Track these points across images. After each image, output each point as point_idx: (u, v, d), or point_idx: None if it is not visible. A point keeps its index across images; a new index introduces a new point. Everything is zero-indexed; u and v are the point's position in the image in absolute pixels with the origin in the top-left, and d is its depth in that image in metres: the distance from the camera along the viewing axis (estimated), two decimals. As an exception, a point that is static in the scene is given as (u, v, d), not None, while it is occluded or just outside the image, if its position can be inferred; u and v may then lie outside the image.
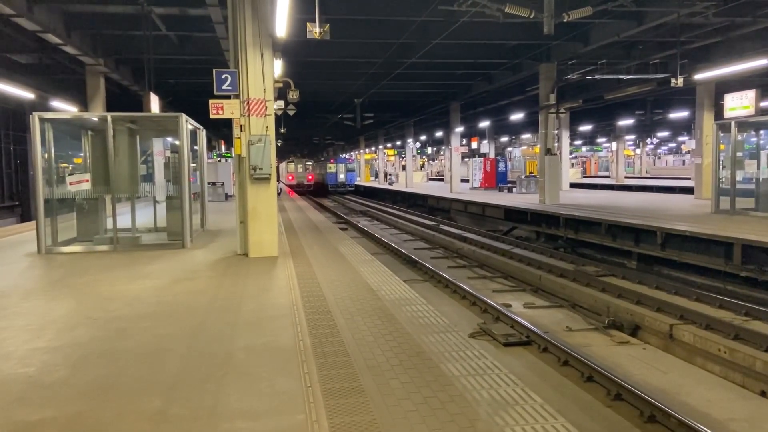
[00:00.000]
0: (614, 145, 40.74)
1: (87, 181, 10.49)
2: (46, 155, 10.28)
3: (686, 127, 38.98)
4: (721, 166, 14.87)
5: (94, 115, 13.78)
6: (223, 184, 25.00)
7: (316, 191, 48.30)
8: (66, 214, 10.90)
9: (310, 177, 50.04)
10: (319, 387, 3.86)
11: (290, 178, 49.18)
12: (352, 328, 5.23)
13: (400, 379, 4.01)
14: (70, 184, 10.45)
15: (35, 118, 9.95)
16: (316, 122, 38.77)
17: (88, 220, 11.05)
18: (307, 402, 3.63)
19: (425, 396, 3.72)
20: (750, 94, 13.94)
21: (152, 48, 13.72)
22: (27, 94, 16.35)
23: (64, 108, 16.99)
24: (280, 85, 11.61)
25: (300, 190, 46.51)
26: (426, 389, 3.83)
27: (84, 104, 17.51)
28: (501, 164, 30.72)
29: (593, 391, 6.12)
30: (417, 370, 4.18)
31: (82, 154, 11.86)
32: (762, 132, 14.34)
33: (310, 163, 51.47)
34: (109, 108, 17.21)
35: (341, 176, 49.04)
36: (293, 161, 50.97)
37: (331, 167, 49.31)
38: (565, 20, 10.39)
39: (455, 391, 3.79)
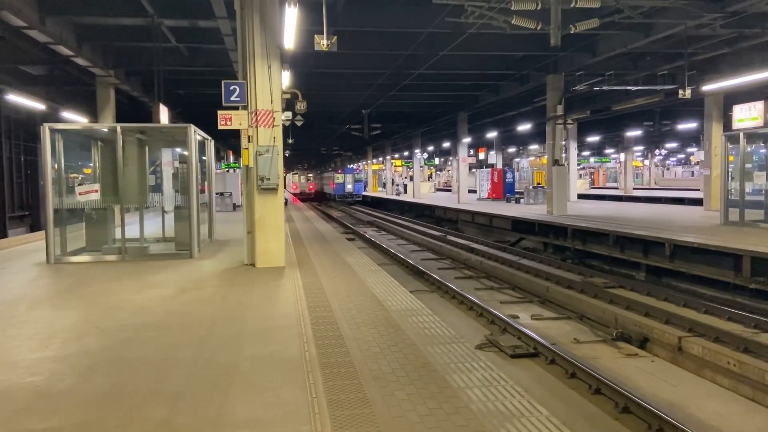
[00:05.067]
0: (622, 156, 40.64)
1: (96, 191, 10.57)
2: (56, 165, 10.37)
3: (695, 138, 38.86)
4: (730, 178, 14.80)
5: (104, 125, 13.90)
6: (231, 195, 25.10)
7: (317, 198, 55.57)
8: (75, 223, 10.97)
9: (311, 186, 58.19)
10: (325, 397, 3.86)
11: (294, 187, 58.06)
12: (358, 338, 5.23)
13: (406, 390, 4.00)
14: (80, 194, 10.52)
15: (46, 129, 10.04)
16: (323, 133, 38.94)
17: (97, 229, 11.12)
18: (312, 412, 3.62)
19: (431, 407, 3.71)
20: (759, 106, 13.88)
21: (162, 59, 13.87)
22: (38, 105, 16.53)
23: (75, 119, 17.15)
24: (288, 96, 11.69)
25: (302, 197, 54.84)
26: (431, 401, 3.82)
27: (94, 115, 17.68)
28: (508, 175, 30.68)
29: (601, 404, 6.07)
30: (423, 381, 4.17)
31: (91, 165, 11.95)
32: (771, 143, 14.28)
33: (311, 175, 60.76)
34: (119, 119, 17.34)
35: (349, 186, 49.39)
36: (297, 173, 60.37)
37: (339, 177, 49.74)
38: (572, 32, 10.39)
39: (461, 403, 3.78)
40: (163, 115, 13.56)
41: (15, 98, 15.65)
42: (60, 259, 10.18)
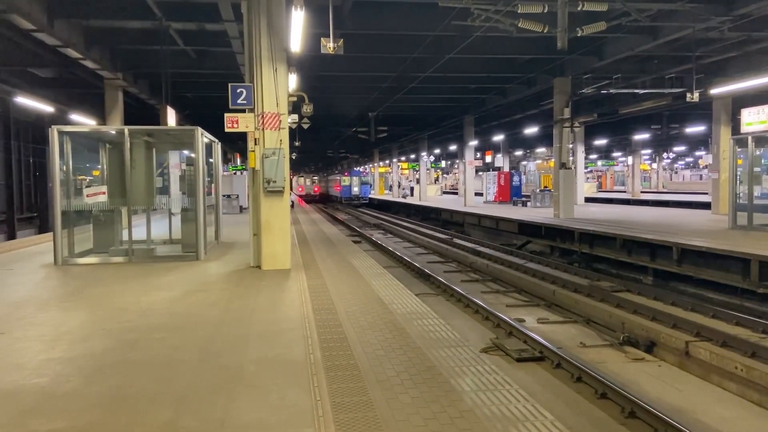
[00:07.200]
0: (630, 159, 40.49)
1: (104, 193, 10.62)
2: (64, 168, 10.43)
3: (703, 142, 38.68)
4: (738, 181, 14.72)
5: (112, 128, 13.99)
6: (237, 197, 25.16)
7: (322, 200, 59.14)
8: (83, 225, 11.03)
9: (316, 189, 62.02)
10: (329, 400, 3.86)
11: (300, 189, 60.57)
12: (363, 341, 5.22)
13: (410, 393, 3.99)
14: (87, 196, 10.58)
15: (54, 132, 10.11)
16: (330, 135, 39.02)
17: (104, 231, 11.17)
18: (317, 415, 3.62)
19: (435, 411, 3.70)
20: (767, 109, 13.80)
21: (170, 62, 13.95)
22: (46, 108, 16.66)
23: (83, 121, 17.26)
24: (295, 98, 11.72)
25: (308, 199, 56.72)
26: (435, 404, 3.81)
27: (102, 117, 17.79)
28: (515, 178, 30.65)
29: (607, 409, 6.05)
30: (427, 384, 4.16)
31: (99, 167, 12.03)
32: (779, 147, 14.19)
33: (316, 178, 65.59)
34: (127, 121, 17.46)
35: (355, 189, 49.53)
36: (303, 176, 64.96)
37: (345, 180, 49.88)
38: (578, 35, 10.39)
39: (465, 407, 3.76)
40: (171, 117, 13.64)
41: (24, 100, 15.77)
42: (67, 261, 10.23)
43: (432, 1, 10.61)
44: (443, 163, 61.48)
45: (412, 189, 47.25)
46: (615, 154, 52.67)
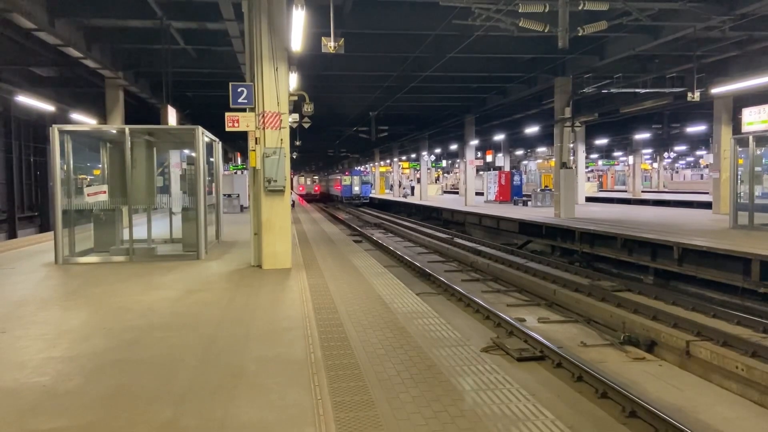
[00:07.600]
0: (631, 158, 40.45)
1: (104, 192, 10.62)
2: (65, 167, 10.43)
3: (704, 141, 38.64)
4: (739, 181, 14.71)
5: (113, 127, 14.00)
6: (238, 196, 25.18)
7: (322, 199, 59.65)
8: (83, 224, 11.03)
9: (317, 188, 62.46)
10: (330, 399, 3.86)
11: (301, 188, 60.80)
12: (364, 340, 5.22)
13: (411, 392, 3.99)
14: (88, 195, 10.58)
15: (55, 131, 10.11)
16: (331, 135, 39.02)
17: (105, 230, 11.17)
18: (317, 414, 3.62)
19: (435, 410, 3.70)
20: (768, 109, 13.81)
21: (170, 61, 13.94)
22: (47, 107, 16.66)
23: (84, 120, 17.26)
24: (295, 98, 11.72)
25: (308, 198, 57.43)
26: (436, 403, 3.81)
27: (103, 117, 17.78)
28: (516, 177, 30.63)
29: (607, 408, 6.05)
30: (428, 383, 4.16)
31: (100, 166, 12.02)
32: (781, 146, 14.18)
33: (317, 177, 65.68)
34: (128, 120, 17.45)
35: (356, 188, 49.60)
36: (303, 175, 64.36)
37: (346, 179, 49.91)
38: (579, 34, 10.38)
39: (466, 406, 3.77)
40: (172, 116, 13.63)
41: (25, 100, 15.78)
42: (68, 260, 10.23)
43: (433, 0, 10.60)
44: (444, 163, 61.49)
45: (412, 188, 47.26)
46: (616, 154, 52.64)
